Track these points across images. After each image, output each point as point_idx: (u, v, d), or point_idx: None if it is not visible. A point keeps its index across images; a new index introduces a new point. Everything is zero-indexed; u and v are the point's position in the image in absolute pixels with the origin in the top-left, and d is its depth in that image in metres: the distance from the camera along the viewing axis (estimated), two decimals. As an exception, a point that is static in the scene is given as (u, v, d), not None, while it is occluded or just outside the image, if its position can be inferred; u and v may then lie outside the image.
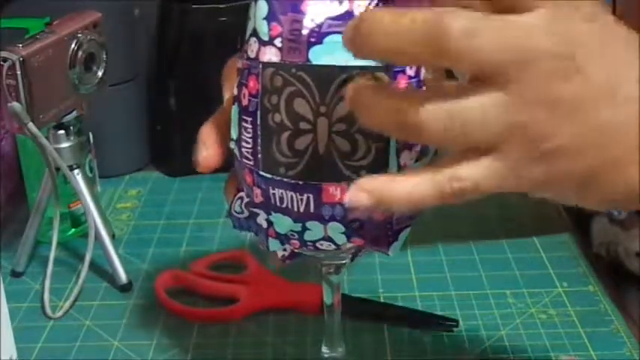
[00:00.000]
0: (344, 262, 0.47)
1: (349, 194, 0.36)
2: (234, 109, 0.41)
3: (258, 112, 0.39)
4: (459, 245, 0.73)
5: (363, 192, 0.36)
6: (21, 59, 0.61)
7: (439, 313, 0.64)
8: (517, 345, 0.60)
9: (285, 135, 0.39)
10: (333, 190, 0.39)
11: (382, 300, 0.66)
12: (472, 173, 0.36)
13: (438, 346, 0.60)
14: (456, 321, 0.62)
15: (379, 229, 0.42)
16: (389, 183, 0.37)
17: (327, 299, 0.49)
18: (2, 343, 0.50)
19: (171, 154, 0.87)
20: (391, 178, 0.37)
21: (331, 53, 0.37)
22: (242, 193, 0.43)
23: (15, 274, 0.70)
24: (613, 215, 0.67)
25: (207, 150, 0.44)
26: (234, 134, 0.41)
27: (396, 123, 0.35)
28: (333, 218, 0.40)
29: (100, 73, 0.69)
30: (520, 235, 0.74)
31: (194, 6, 0.82)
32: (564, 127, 0.35)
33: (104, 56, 0.69)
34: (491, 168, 0.36)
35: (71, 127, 0.69)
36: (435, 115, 0.35)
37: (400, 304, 0.65)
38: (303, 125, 0.38)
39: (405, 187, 0.37)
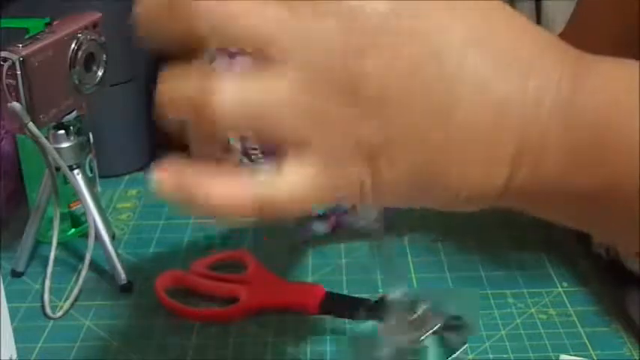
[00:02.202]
0: None
1: (157, 172, 0.33)
2: None
3: None
4: (459, 245, 0.73)
5: (165, 173, 0.33)
6: (21, 59, 0.61)
7: (439, 313, 0.64)
8: (517, 345, 0.60)
9: None
10: None
11: (382, 300, 0.66)
12: (290, 181, 0.31)
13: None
14: (456, 321, 0.62)
15: None
16: (202, 176, 0.32)
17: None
18: (2, 343, 0.50)
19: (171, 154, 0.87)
20: (212, 173, 0.32)
21: None
22: None
23: (15, 274, 0.70)
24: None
25: None
26: None
27: (193, 110, 0.32)
28: None
29: (100, 73, 0.69)
30: (520, 235, 0.74)
31: (194, 6, 0.82)
32: (373, 118, 0.31)
33: (104, 56, 0.69)
34: (305, 170, 0.31)
35: (71, 127, 0.69)
36: (231, 96, 0.31)
37: (400, 304, 0.65)
38: None
39: (219, 187, 0.31)
